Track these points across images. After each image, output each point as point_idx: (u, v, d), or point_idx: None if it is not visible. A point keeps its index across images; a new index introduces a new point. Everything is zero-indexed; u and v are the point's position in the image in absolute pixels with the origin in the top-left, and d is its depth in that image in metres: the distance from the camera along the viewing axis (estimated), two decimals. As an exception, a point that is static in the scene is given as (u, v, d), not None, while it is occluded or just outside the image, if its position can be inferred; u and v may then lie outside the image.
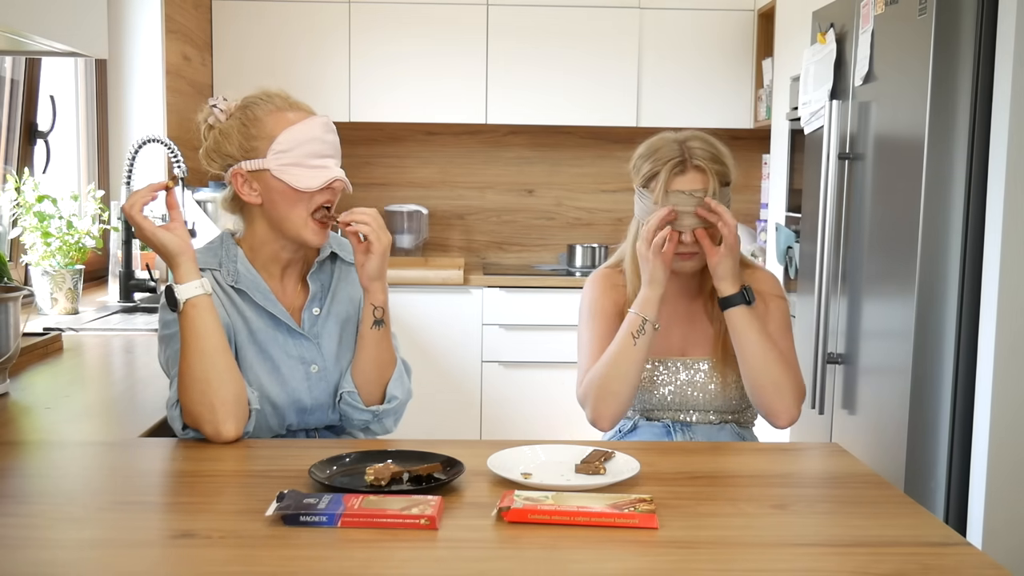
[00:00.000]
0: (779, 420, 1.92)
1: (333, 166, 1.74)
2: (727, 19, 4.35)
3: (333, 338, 1.80)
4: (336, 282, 1.84)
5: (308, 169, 1.71)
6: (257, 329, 1.75)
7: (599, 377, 1.91)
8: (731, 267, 1.89)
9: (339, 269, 1.86)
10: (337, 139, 1.77)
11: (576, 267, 4.49)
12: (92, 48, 2.33)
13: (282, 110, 1.74)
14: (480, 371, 4.15)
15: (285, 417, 1.77)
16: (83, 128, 3.66)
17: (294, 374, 1.76)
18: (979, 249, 2.35)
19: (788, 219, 3.59)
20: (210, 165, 1.77)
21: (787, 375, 1.91)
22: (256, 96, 1.76)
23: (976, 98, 2.33)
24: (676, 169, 1.88)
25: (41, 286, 2.86)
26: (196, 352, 1.61)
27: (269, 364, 1.75)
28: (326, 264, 1.85)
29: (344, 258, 1.86)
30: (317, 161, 1.72)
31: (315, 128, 1.73)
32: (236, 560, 1.17)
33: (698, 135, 1.94)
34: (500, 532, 1.26)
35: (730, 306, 1.90)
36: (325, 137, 1.74)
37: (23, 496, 1.40)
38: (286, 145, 1.70)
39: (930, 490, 2.42)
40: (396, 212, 4.51)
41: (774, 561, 1.21)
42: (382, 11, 4.28)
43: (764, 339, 1.90)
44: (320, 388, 1.78)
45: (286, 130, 1.71)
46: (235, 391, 1.64)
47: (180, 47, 3.92)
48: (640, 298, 1.91)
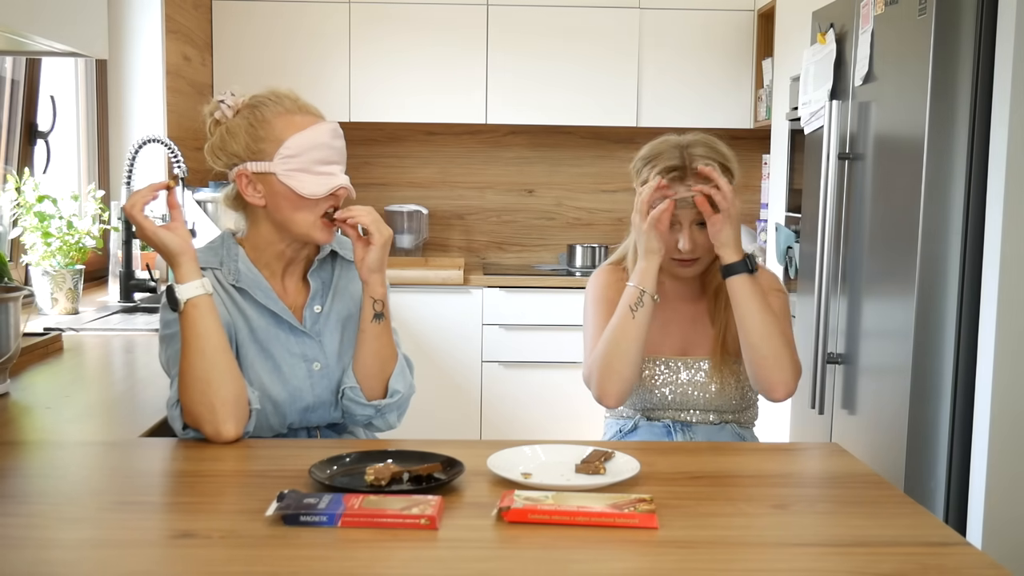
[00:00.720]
0: (776, 393, 1.90)
1: (339, 173, 1.74)
2: (727, 19, 4.35)
3: (335, 335, 1.80)
4: (337, 279, 1.84)
5: (314, 176, 1.70)
6: (258, 327, 1.75)
7: (602, 355, 1.92)
8: (731, 234, 1.88)
9: (339, 267, 1.86)
10: (344, 145, 1.77)
11: (576, 267, 4.49)
12: (92, 48, 2.33)
13: (291, 113, 1.73)
14: (480, 371, 4.15)
15: (287, 416, 1.77)
16: (83, 128, 3.66)
17: (296, 372, 1.76)
18: (979, 249, 2.35)
19: (788, 219, 3.59)
20: (214, 162, 1.76)
21: (787, 349, 1.90)
22: (265, 96, 1.75)
23: (976, 98, 2.33)
24: (674, 176, 1.89)
25: (41, 286, 2.86)
26: (197, 352, 1.61)
27: (271, 363, 1.75)
28: (327, 262, 1.85)
29: (344, 256, 1.86)
30: (323, 168, 1.71)
31: (323, 134, 1.72)
32: (236, 560, 1.17)
33: (701, 139, 1.94)
34: (500, 532, 1.26)
35: (732, 274, 1.88)
36: (333, 143, 1.73)
37: (23, 496, 1.40)
38: (294, 150, 1.69)
39: (930, 490, 2.42)
40: (396, 212, 4.51)
41: (774, 561, 1.21)
42: (382, 11, 4.28)
43: (766, 310, 1.88)
44: (322, 385, 1.78)
45: (294, 135, 1.70)
46: (235, 391, 1.63)
47: (180, 47, 3.92)
48: (637, 270, 1.90)
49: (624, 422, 2.05)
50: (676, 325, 2.02)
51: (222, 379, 1.62)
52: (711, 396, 1.98)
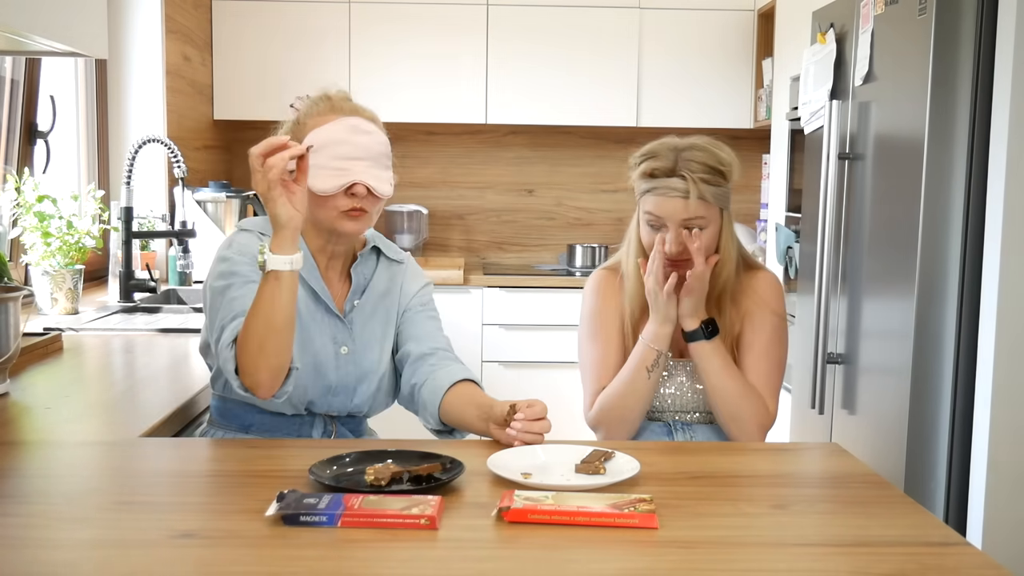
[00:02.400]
0: (740, 441, 1.94)
1: (360, 169, 1.73)
2: (727, 19, 4.35)
3: (366, 327, 1.86)
4: (377, 277, 1.89)
5: (329, 171, 1.71)
6: (299, 298, 1.78)
7: (612, 407, 1.95)
8: (693, 305, 1.92)
9: (381, 264, 1.91)
10: (372, 141, 1.75)
11: (576, 267, 4.49)
12: (92, 48, 2.33)
13: (323, 113, 1.77)
14: (480, 371, 4.15)
15: (308, 390, 1.79)
16: (83, 128, 3.66)
17: (325, 350, 1.81)
18: (979, 249, 2.35)
19: (788, 219, 3.59)
20: None
21: (747, 406, 1.92)
22: (312, 98, 1.81)
23: (976, 98, 2.33)
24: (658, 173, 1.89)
25: (41, 286, 2.86)
26: (263, 319, 1.62)
27: (303, 335, 1.78)
28: (369, 257, 1.90)
29: (388, 255, 1.92)
30: (339, 163, 1.71)
31: (340, 130, 1.72)
32: (236, 560, 1.17)
33: (700, 145, 1.90)
34: (500, 532, 1.26)
35: (691, 341, 1.94)
36: (352, 139, 1.73)
37: (23, 496, 1.40)
38: (312, 146, 1.70)
39: (930, 490, 2.42)
40: (396, 212, 4.51)
41: (774, 561, 1.21)
42: (382, 11, 4.28)
43: (724, 372, 1.92)
44: (347, 369, 1.83)
45: (313, 131, 1.72)
46: (284, 363, 1.66)
47: (180, 47, 3.92)
48: (653, 333, 1.93)
49: (624, 421, 2.05)
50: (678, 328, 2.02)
51: (276, 350, 1.63)
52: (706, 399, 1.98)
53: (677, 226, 1.89)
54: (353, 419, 1.89)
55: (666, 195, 1.88)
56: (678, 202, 1.87)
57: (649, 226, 1.93)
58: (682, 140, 1.93)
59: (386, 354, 1.88)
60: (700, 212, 1.88)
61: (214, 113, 4.36)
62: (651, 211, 1.90)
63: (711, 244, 1.92)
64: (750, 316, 1.99)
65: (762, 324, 1.98)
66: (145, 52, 3.73)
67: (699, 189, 1.85)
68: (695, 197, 1.85)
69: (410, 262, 1.98)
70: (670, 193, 1.87)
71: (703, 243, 1.88)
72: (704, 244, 1.89)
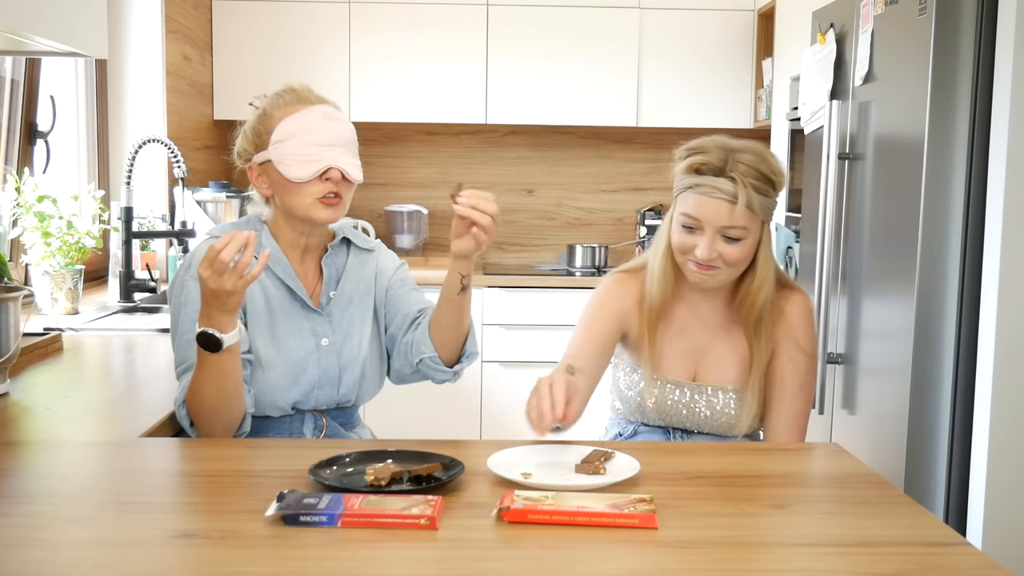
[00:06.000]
0: None
1: (333, 155, 1.75)
2: (727, 19, 4.35)
3: (344, 316, 1.86)
4: (349, 267, 1.90)
5: (304, 158, 1.73)
6: (273, 298, 1.81)
7: None
8: None
9: (352, 253, 1.92)
10: (343, 128, 1.78)
11: (576, 267, 4.49)
12: (92, 48, 2.33)
13: (290, 104, 1.78)
14: (480, 371, 4.15)
15: (289, 390, 1.79)
16: (83, 128, 3.66)
17: (304, 344, 1.81)
18: (979, 249, 2.35)
19: (788, 219, 3.59)
20: (237, 162, 1.84)
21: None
22: (275, 92, 1.82)
23: (976, 98, 2.33)
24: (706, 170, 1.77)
25: (41, 286, 2.86)
26: (215, 389, 1.65)
27: (279, 333, 1.80)
28: (340, 248, 1.91)
29: (358, 244, 1.92)
30: (313, 150, 1.74)
31: (312, 117, 1.75)
32: (236, 560, 1.17)
33: (752, 149, 1.77)
34: (500, 532, 1.26)
35: None
36: (323, 126, 1.75)
37: (23, 496, 1.40)
38: (283, 135, 1.74)
39: (930, 490, 2.42)
40: (396, 212, 4.51)
41: (774, 561, 1.21)
42: (382, 11, 4.28)
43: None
44: (328, 361, 1.83)
45: (284, 120, 1.74)
46: (238, 417, 1.71)
47: (180, 47, 3.92)
48: None
49: (624, 425, 2.03)
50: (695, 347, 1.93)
51: (229, 409, 1.68)
52: (723, 423, 1.91)
53: (715, 232, 1.76)
54: (343, 411, 1.89)
55: (710, 195, 1.74)
56: (723, 205, 1.74)
57: (683, 228, 1.79)
58: (734, 141, 1.80)
59: (366, 340, 1.89)
60: (743, 222, 1.75)
61: (214, 113, 4.36)
62: (689, 212, 1.77)
63: (747, 258, 1.80)
64: (781, 350, 1.89)
65: (794, 367, 1.89)
66: (145, 52, 3.73)
67: (748, 195, 1.72)
68: (743, 204, 1.72)
69: (381, 248, 1.99)
70: (715, 194, 1.74)
71: (737, 256, 1.76)
72: (739, 258, 1.77)
